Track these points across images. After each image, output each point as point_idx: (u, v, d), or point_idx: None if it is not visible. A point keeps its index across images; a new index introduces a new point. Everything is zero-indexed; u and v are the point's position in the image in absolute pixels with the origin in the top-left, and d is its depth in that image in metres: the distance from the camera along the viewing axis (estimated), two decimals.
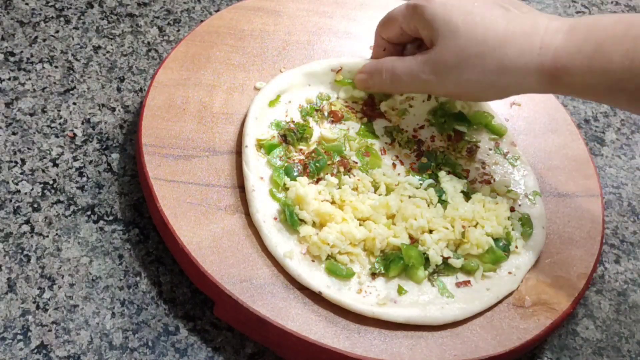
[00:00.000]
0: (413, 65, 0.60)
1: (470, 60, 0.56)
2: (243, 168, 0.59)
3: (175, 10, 0.76)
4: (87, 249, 0.58)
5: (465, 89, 0.59)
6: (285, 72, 0.66)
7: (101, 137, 0.65)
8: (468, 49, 0.56)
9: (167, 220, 0.55)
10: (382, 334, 0.54)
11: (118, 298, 0.55)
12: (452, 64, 0.57)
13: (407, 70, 0.60)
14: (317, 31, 0.72)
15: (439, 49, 0.57)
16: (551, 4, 0.91)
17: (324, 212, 0.57)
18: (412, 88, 0.62)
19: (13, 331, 0.52)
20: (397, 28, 0.62)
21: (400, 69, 0.61)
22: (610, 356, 0.60)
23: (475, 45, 0.55)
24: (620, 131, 0.78)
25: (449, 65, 0.57)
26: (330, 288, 0.55)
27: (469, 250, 0.59)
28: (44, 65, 0.68)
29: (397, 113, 0.66)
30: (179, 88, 0.64)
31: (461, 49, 0.56)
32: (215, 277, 0.53)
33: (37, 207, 0.59)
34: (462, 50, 0.56)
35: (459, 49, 0.56)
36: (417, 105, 0.67)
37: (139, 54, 0.71)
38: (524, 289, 0.58)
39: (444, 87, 0.59)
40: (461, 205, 0.60)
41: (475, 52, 0.55)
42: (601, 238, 0.63)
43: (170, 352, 0.54)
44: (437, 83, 0.59)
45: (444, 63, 0.57)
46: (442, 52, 0.57)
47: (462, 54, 0.56)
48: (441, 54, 0.57)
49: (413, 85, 0.62)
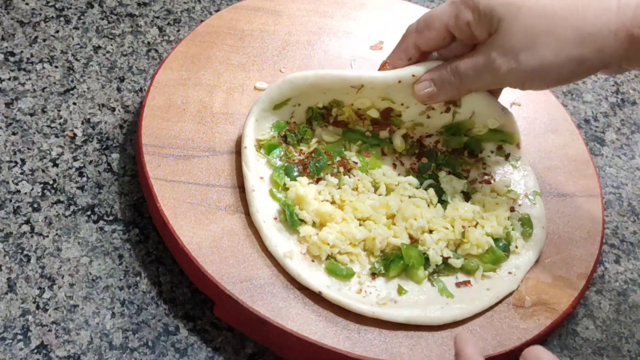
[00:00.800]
0: (478, 58, 0.56)
1: (542, 37, 0.52)
2: (243, 168, 0.59)
3: (175, 10, 0.76)
4: (87, 249, 0.58)
5: (542, 70, 0.54)
6: (297, 79, 0.60)
7: (101, 137, 0.65)
8: (538, 26, 0.52)
9: (167, 220, 0.55)
10: (382, 334, 0.54)
11: (118, 298, 0.55)
12: (522, 45, 0.53)
13: (473, 65, 0.56)
14: (317, 31, 0.72)
15: (503, 34, 0.53)
16: None
17: (324, 212, 0.57)
18: (482, 83, 0.58)
19: (13, 331, 0.52)
20: (441, 30, 0.57)
21: (465, 66, 0.57)
22: (610, 356, 0.60)
23: (545, 20, 0.52)
24: (620, 131, 0.78)
25: (520, 47, 0.53)
26: (330, 288, 0.55)
27: (469, 250, 0.59)
28: (44, 65, 0.68)
29: (412, 125, 0.64)
30: (179, 88, 0.64)
31: (529, 27, 0.52)
32: (215, 277, 0.53)
33: (37, 207, 0.59)
34: (531, 28, 0.52)
35: (527, 27, 0.52)
36: (434, 116, 0.63)
37: (139, 54, 0.71)
38: (524, 289, 0.58)
39: (518, 72, 0.54)
40: (461, 206, 0.60)
41: (546, 27, 0.52)
42: (601, 238, 0.63)
43: (170, 352, 0.54)
44: (510, 70, 0.54)
45: (513, 46, 0.53)
46: (508, 35, 0.53)
47: (531, 32, 0.52)
48: (508, 37, 0.53)
49: (484, 79, 0.57)
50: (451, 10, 0.56)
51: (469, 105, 0.62)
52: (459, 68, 0.57)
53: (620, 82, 0.83)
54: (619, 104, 0.81)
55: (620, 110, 0.80)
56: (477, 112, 0.62)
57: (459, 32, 0.57)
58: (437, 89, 0.59)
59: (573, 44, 0.52)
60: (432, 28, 0.57)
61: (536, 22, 0.52)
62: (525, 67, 0.54)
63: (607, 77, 0.83)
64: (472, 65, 0.56)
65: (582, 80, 0.82)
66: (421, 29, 0.58)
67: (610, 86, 0.82)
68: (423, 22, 0.58)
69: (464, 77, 0.57)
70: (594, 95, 0.81)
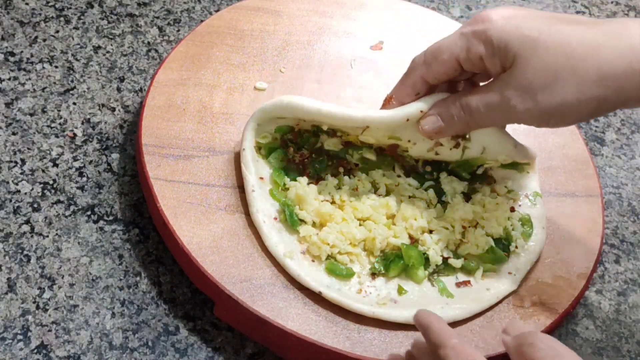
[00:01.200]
0: (492, 96, 0.52)
1: (562, 76, 0.49)
2: (242, 170, 0.59)
3: (175, 10, 0.76)
4: (87, 249, 0.58)
5: (561, 110, 0.51)
6: (297, 109, 0.57)
7: (101, 137, 0.65)
8: (557, 64, 0.49)
9: (167, 220, 0.55)
10: (382, 334, 0.54)
11: (118, 298, 0.55)
12: (541, 83, 0.50)
13: (486, 102, 0.52)
14: (317, 31, 0.72)
15: (520, 71, 0.50)
16: (551, 4, 0.90)
17: (324, 212, 0.57)
18: (495, 120, 0.55)
19: (13, 331, 0.52)
20: (451, 64, 0.53)
21: (477, 102, 0.53)
22: (610, 356, 0.60)
23: (565, 58, 0.49)
24: (620, 131, 0.78)
25: (537, 86, 0.50)
26: (330, 288, 0.55)
27: (469, 250, 0.59)
28: (44, 65, 0.68)
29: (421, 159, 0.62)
30: (179, 88, 0.64)
31: (548, 64, 0.49)
32: (215, 277, 0.53)
33: (37, 207, 0.59)
34: (550, 66, 0.49)
35: (546, 65, 0.49)
36: (443, 152, 0.60)
37: (139, 54, 0.71)
38: (524, 289, 0.58)
39: (535, 111, 0.51)
40: (461, 207, 0.60)
41: (566, 65, 0.49)
42: (601, 238, 0.63)
43: (170, 352, 0.54)
44: (527, 109, 0.51)
45: (531, 85, 0.50)
46: (524, 73, 0.50)
47: (550, 70, 0.49)
48: (524, 75, 0.50)
49: (497, 117, 0.54)
50: (462, 43, 0.52)
51: (479, 141, 0.59)
52: (470, 104, 0.54)
53: None
54: None
55: (620, 110, 0.80)
56: (488, 147, 0.59)
57: (470, 65, 0.54)
58: (445, 124, 0.55)
59: (594, 84, 0.49)
60: (442, 61, 0.54)
61: (555, 60, 0.49)
62: (543, 107, 0.51)
63: None
64: (485, 102, 0.53)
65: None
66: (429, 62, 0.55)
67: None
68: (431, 54, 0.54)
69: (475, 114, 0.54)
70: None
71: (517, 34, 0.50)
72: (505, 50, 0.50)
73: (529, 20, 0.51)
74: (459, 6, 0.87)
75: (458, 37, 0.53)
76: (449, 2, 0.87)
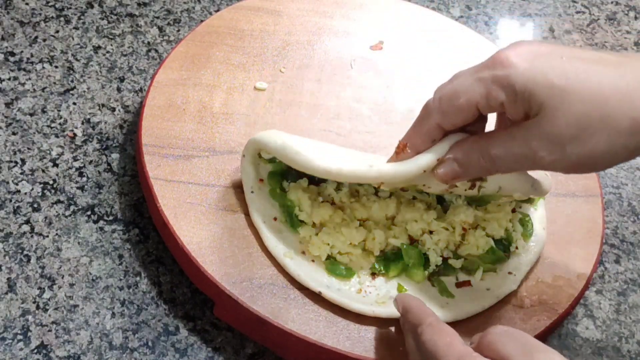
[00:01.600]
0: (516, 146, 0.48)
1: (593, 126, 0.46)
2: (241, 173, 0.58)
3: (175, 10, 0.76)
4: (87, 249, 0.58)
5: (591, 159, 0.48)
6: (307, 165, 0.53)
7: (101, 137, 0.65)
8: (588, 114, 0.45)
9: (167, 220, 0.55)
10: (382, 334, 0.53)
11: (118, 298, 0.55)
12: (570, 135, 0.46)
13: (509, 152, 0.49)
14: (317, 31, 0.72)
15: (546, 121, 0.46)
16: (551, 4, 0.91)
17: (324, 213, 0.57)
18: (516, 169, 0.51)
19: (13, 331, 0.52)
20: (470, 110, 0.49)
21: (499, 151, 0.49)
22: (610, 356, 0.60)
23: (596, 107, 0.45)
24: None
25: (567, 137, 0.46)
26: (330, 288, 0.55)
27: (469, 251, 0.59)
28: (44, 65, 0.68)
29: None
30: (179, 88, 0.64)
31: (578, 114, 0.46)
32: (215, 277, 0.53)
33: (37, 207, 0.59)
34: (581, 117, 0.46)
35: (576, 115, 0.46)
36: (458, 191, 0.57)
37: (139, 54, 0.71)
38: (524, 289, 0.58)
39: (564, 162, 0.48)
40: (463, 209, 0.59)
41: (597, 115, 0.45)
42: (601, 238, 0.63)
43: (170, 352, 0.54)
44: (555, 160, 0.48)
45: (559, 136, 0.46)
46: (552, 123, 0.46)
47: (580, 120, 0.46)
48: (552, 126, 0.46)
49: (521, 166, 0.51)
50: (480, 89, 0.48)
51: (496, 181, 0.55)
52: (491, 152, 0.49)
53: None
54: None
55: None
56: (504, 187, 0.56)
57: (489, 109, 0.50)
58: (462, 170, 0.51)
59: (627, 134, 0.46)
60: (459, 109, 0.49)
61: (586, 110, 0.46)
62: (572, 158, 0.47)
63: None
64: (509, 152, 0.49)
65: None
66: (445, 110, 0.50)
67: None
68: (447, 101, 0.49)
69: (496, 162, 0.49)
70: None
71: (543, 82, 0.46)
72: (529, 99, 0.46)
73: (553, 61, 0.47)
74: (459, 6, 0.87)
75: (476, 82, 0.48)
76: (449, 2, 0.87)
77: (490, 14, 0.87)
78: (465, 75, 0.49)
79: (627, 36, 0.89)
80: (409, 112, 0.69)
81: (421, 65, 0.73)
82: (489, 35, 0.84)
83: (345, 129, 0.66)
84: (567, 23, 0.88)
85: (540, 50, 0.47)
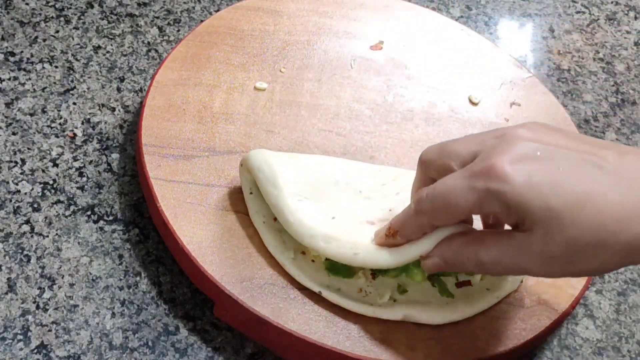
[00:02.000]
0: (505, 255, 0.47)
1: (587, 251, 0.45)
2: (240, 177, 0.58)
3: (175, 10, 0.76)
4: (87, 249, 0.58)
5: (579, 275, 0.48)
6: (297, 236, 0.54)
7: (101, 137, 0.65)
8: (582, 239, 0.44)
9: (167, 220, 0.55)
10: (382, 334, 0.53)
11: (118, 298, 0.55)
12: (561, 255, 0.45)
13: (497, 261, 0.48)
14: (317, 31, 0.72)
15: (539, 240, 0.45)
16: (551, 4, 0.91)
17: None
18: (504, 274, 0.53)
19: (13, 331, 0.52)
20: (463, 214, 0.48)
21: (488, 259, 0.48)
22: (610, 356, 0.60)
23: (591, 233, 0.44)
24: (620, 131, 0.78)
25: (557, 257, 0.46)
26: (330, 288, 0.54)
27: None
28: (44, 65, 0.68)
29: None
30: (179, 88, 0.64)
31: (571, 240, 0.44)
32: (215, 277, 0.53)
33: (37, 207, 0.59)
34: (575, 242, 0.44)
35: (569, 240, 0.44)
36: None
37: (139, 54, 0.71)
38: (524, 289, 0.58)
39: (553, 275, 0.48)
40: None
41: (592, 241, 0.44)
42: None
43: (170, 352, 0.54)
44: (542, 273, 0.48)
45: (549, 255, 0.46)
46: (545, 242, 0.45)
47: (575, 245, 0.45)
48: (544, 245, 0.45)
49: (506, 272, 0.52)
50: (474, 198, 0.46)
51: None
52: (480, 258, 0.48)
53: (620, 82, 0.83)
54: (619, 104, 0.81)
55: (620, 110, 0.80)
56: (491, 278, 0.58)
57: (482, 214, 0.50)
58: (449, 267, 0.51)
59: (620, 256, 0.45)
60: (451, 214, 0.48)
61: (581, 235, 0.44)
62: (561, 274, 0.47)
63: (607, 77, 0.83)
64: (498, 261, 0.48)
65: (582, 80, 0.82)
66: (438, 214, 0.49)
67: (610, 86, 0.82)
68: (440, 205, 0.48)
69: (484, 267, 0.49)
70: (594, 95, 0.81)
71: (539, 203, 0.44)
72: (524, 217, 0.45)
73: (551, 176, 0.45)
74: (459, 6, 0.87)
75: (469, 189, 0.46)
76: (449, 2, 0.87)
77: (490, 14, 0.87)
78: (459, 179, 0.47)
79: (627, 36, 0.89)
80: (409, 112, 0.69)
81: (421, 65, 0.73)
82: (489, 35, 0.84)
83: (345, 129, 0.66)
84: (567, 23, 0.88)
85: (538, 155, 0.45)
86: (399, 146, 0.66)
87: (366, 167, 0.60)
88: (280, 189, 0.54)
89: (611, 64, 0.85)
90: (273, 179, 0.55)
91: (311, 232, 0.53)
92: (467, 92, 0.72)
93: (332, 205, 0.55)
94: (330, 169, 0.58)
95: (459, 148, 0.49)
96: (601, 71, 0.83)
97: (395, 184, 0.58)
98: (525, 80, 0.74)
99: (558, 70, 0.82)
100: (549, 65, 0.83)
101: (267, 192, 0.55)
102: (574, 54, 0.85)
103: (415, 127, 0.68)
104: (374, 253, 0.52)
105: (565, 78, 0.82)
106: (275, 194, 0.54)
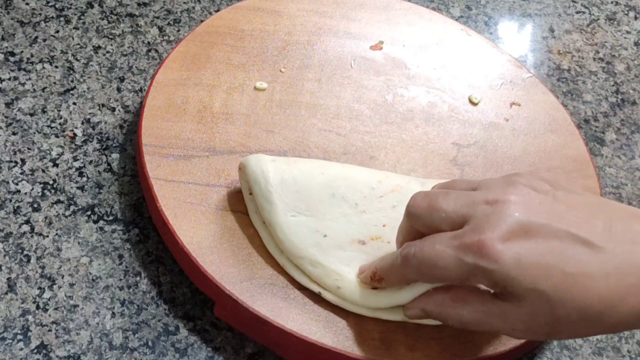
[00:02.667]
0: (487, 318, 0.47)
1: (570, 327, 0.45)
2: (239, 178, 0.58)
3: (175, 10, 0.76)
4: (87, 249, 0.58)
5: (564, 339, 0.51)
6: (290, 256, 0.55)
7: (101, 137, 0.65)
8: (567, 318, 0.45)
9: (167, 220, 0.55)
10: (382, 334, 0.54)
11: (118, 298, 0.55)
12: (546, 330, 0.46)
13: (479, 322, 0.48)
14: (317, 31, 0.72)
15: (525, 312, 0.45)
16: (551, 4, 0.91)
17: None
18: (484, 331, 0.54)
19: (13, 331, 0.52)
20: (449, 282, 0.48)
21: (469, 319, 0.48)
22: (610, 356, 0.60)
23: (577, 314, 0.44)
24: (620, 131, 0.78)
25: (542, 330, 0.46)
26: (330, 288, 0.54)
27: None
28: (44, 65, 0.68)
29: None
30: (179, 88, 0.64)
31: (557, 319, 0.45)
32: (215, 277, 0.53)
33: (37, 207, 0.59)
34: (559, 320, 0.45)
35: (554, 318, 0.45)
36: None
37: (139, 54, 0.71)
38: None
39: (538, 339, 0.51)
40: None
41: (577, 320, 0.45)
42: None
43: (170, 352, 0.54)
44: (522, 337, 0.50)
45: (535, 328, 0.46)
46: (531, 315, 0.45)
47: (559, 323, 0.45)
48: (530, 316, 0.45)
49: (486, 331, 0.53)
50: (462, 271, 0.46)
51: None
52: (462, 317, 0.48)
53: (620, 82, 0.83)
54: (619, 104, 0.81)
55: (620, 110, 0.80)
56: None
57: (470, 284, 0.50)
58: (430, 317, 0.51)
59: (603, 330, 0.46)
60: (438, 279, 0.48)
61: (566, 315, 0.44)
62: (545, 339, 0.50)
63: (607, 77, 0.83)
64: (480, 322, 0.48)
65: (582, 80, 0.82)
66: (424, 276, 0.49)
67: (610, 86, 0.82)
68: (427, 269, 0.47)
69: (465, 325, 0.49)
70: (594, 95, 0.81)
71: (527, 285, 0.44)
72: (510, 291, 0.45)
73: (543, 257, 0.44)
74: (459, 6, 0.87)
75: (457, 262, 0.45)
76: (449, 2, 0.87)
77: (490, 14, 0.87)
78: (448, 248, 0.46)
79: (627, 36, 0.89)
80: (409, 112, 0.69)
81: (421, 65, 0.73)
82: (489, 35, 0.84)
83: (345, 128, 0.66)
84: (567, 23, 0.88)
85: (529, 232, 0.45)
86: (399, 146, 0.66)
87: (366, 176, 0.59)
88: (274, 205, 0.55)
89: (611, 64, 0.85)
90: (267, 195, 0.55)
91: (300, 254, 0.54)
92: (467, 92, 0.72)
93: (325, 221, 0.55)
94: (328, 180, 0.57)
95: (449, 210, 0.47)
96: (601, 71, 0.83)
97: (393, 196, 0.58)
98: (525, 80, 0.74)
99: (558, 70, 0.82)
100: (549, 65, 0.83)
101: (261, 206, 0.55)
102: (574, 54, 0.85)
103: (415, 127, 0.68)
104: (354, 292, 0.53)
105: (565, 78, 0.82)
106: (269, 209, 0.55)
